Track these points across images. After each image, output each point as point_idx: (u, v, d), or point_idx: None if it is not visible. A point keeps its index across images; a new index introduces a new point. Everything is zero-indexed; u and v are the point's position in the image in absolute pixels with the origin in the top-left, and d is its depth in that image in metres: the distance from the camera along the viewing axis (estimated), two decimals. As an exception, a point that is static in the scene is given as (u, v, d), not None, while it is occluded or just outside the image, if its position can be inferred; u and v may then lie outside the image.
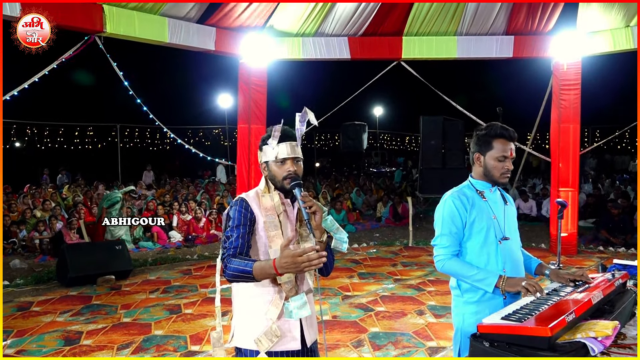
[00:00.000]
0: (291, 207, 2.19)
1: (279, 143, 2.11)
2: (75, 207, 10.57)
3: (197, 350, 4.51)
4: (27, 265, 8.04)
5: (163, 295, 6.33)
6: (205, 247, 9.56)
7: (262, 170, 2.21)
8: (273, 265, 1.88)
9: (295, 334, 2.08)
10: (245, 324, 2.08)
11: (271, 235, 2.06)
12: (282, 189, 2.14)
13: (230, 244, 2.02)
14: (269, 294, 2.06)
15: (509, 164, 2.44)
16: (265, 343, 2.02)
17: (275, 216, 2.10)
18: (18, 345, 4.68)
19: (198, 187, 15.60)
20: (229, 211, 2.12)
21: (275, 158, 2.11)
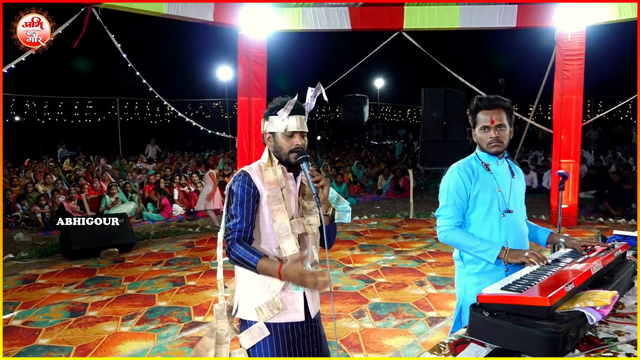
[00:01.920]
0: (294, 180, 2.18)
1: (289, 115, 2.09)
2: (77, 181, 10.59)
3: (201, 321, 4.59)
4: (30, 239, 8.11)
5: (166, 268, 6.40)
6: (207, 220, 9.61)
7: (265, 140, 2.18)
8: (278, 272, 1.94)
9: (298, 306, 2.10)
10: (249, 296, 2.09)
11: (275, 209, 2.06)
12: (286, 162, 2.13)
13: (234, 226, 2.03)
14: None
15: (493, 133, 2.41)
16: (265, 313, 2.04)
17: (278, 190, 2.09)
18: (25, 317, 4.76)
19: (198, 161, 15.58)
20: (232, 186, 2.09)
21: (284, 130, 2.09)
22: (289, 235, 2.06)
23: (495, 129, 2.41)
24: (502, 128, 2.42)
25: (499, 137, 2.41)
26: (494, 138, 2.41)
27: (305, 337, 2.14)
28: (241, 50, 8.42)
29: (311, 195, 2.19)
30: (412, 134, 23.60)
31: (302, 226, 2.13)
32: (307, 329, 2.14)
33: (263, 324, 2.05)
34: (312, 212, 2.18)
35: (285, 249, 2.05)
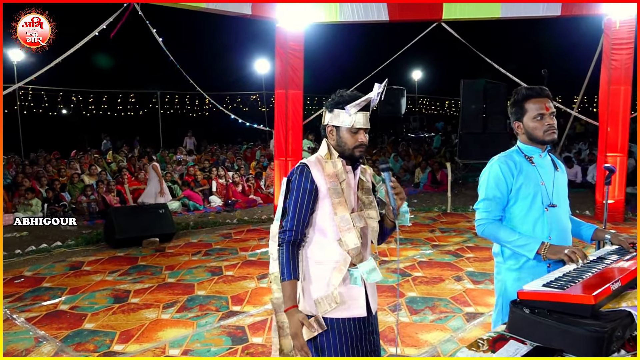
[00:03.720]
0: (352, 174, 2.16)
1: (357, 112, 2.07)
2: (119, 172, 10.93)
3: (238, 311, 4.67)
4: (76, 227, 8.43)
5: (205, 258, 6.54)
6: (245, 212, 9.75)
7: (326, 133, 2.16)
8: (287, 309, 2.02)
9: (360, 302, 2.09)
10: (308, 289, 2.09)
11: (335, 202, 2.05)
12: (349, 157, 2.13)
13: (286, 224, 2.04)
14: (335, 261, 2.07)
15: (549, 120, 2.34)
16: (323, 306, 2.03)
17: (337, 183, 2.07)
18: (72, 302, 4.96)
19: (236, 153, 15.80)
20: (291, 178, 2.09)
21: (351, 126, 2.08)
22: (350, 229, 2.05)
23: (550, 115, 2.35)
24: (554, 116, 2.36)
25: (555, 124, 2.36)
26: (551, 125, 2.34)
27: (367, 334, 2.13)
28: (278, 43, 8.47)
29: (369, 189, 2.19)
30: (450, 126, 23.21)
31: (363, 220, 2.12)
32: (368, 327, 2.14)
33: (321, 317, 2.04)
34: (371, 206, 2.17)
35: (347, 242, 2.05)
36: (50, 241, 7.32)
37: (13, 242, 7.55)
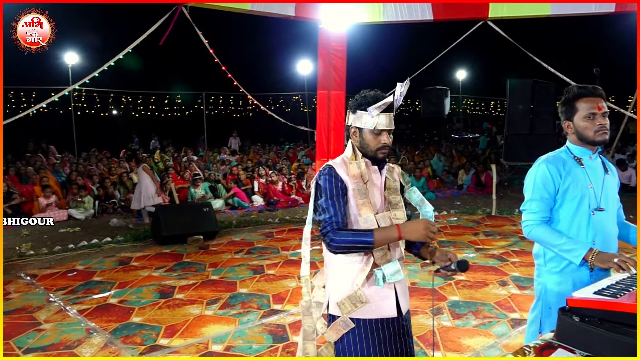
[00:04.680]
0: (378, 174, 2.15)
1: (380, 113, 2.06)
2: (166, 171, 11.26)
3: (279, 309, 4.72)
4: (124, 224, 8.74)
5: (247, 256, 6.64)
6: (286, 212, 9.84)
7: (350, 134, 2.15)
8: (398, 230, 1.95)
9: (390, 303, 2.07)
10: (335, 290, 2.09)
11: (360, 203, 2.04)
12: (372, 158, 2.12)
13: (330, 219, 1.99)
14: (360, 262, 2.05)
15: (601, 120, 2.26)
16: (348, 306, 2.02)
17: (362, 183, 2.07)
18: (120, 296, 5.15)
19: (279, 153, 15.96)
20: (319, 180, 2.08)
21: (373, 128, 2.06)
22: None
23: (602, 115, 2.27)
24: (606, 116, 2.28)
25: (607, 124, 2.27)
26: (603, 125, 2.26)
27: (397, 336, 2.10)
28: (321, 43, 8.50)
29: (396, 189, 2.18)
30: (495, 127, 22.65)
31: (389, 220, 2.09)
32: (398, 328, 2.11)
33: (347, 317, 2.03)
34: (398, 206, 2.15)
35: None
36: (101, 237, 7.63)
37: (67, 237, 7.91)
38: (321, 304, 2.13)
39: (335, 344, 2.07)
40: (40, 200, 9.33)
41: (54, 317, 4.62)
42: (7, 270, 6.05)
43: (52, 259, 6.65)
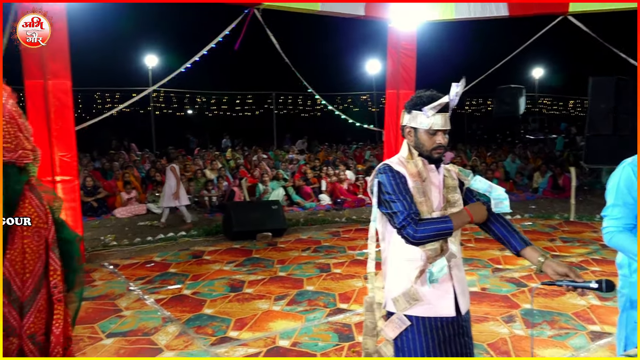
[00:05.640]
0: (435, 172, 2.13)
1: (435, 113, 2.04)
2: (237, 169, 11.62)
3: (345, 309, 4.74)
4: (198, 219, 9.12)
5: (314, 254, 6.72)
6: (353, 211, 9.85)
7: (405, 134, 2.15)
8: (469, 214, 2.05)
9: (448, 301, 2.06)
10: (391, 287, 2.10)
11: (419, 201, 2.03)
12: (427, 157, 2.10)
13: (405, 212, 1.98)
14: (415, 259, 2.05)
15: None
16: (402, 303, 2.03)
17: (420, 182, 2.06)
18: (194, 288, 5.38)
19: (346, 153, 16.00)
20: (378, 179, 2.08)
21: (428, 128, 2.05)
22: None
23: None
24: None
25: None
26: None
27: (456, 336, 2.08)
28: (390, 43, 8.43)
29: (455, 187, 2.16)
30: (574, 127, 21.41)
31: None
32: (458, 328, 2.08)
33: (402, 314, 2.03)
34: (457, 204, 2.12)
35: (423, 245, 2.03)
36: (177, 230, 8.01)
37: (145, 229, 8.37)
38: (381, 304, 2.14)
39: (394, 342, 2.07)
40: (122, 194, 9.94)
41: (133, 304, 4.91)
42: (93, 259, 6.49)
43: (132, 250, 7.07)
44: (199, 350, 3.93)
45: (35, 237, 1.21)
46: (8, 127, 1.20)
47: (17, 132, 1.21)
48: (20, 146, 1.22)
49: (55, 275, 1.23)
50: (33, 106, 5.89)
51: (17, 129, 1.21)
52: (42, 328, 1.20)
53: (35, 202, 1.23)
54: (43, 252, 1.22)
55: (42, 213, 1.23)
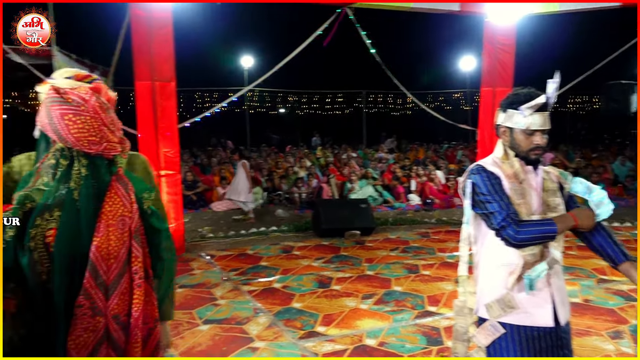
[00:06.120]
0: (533, 174, 2.01)
1: (533, 112, 1.94)
2: (326, 167, 11.78)
3: (434, 311, 4.64)
4: (288, 215, 9.37)
5: (402, 254, 6.64)
6: (443, 212, 9.60)
7: (500, 134, 2.05)
8: (574, 219, 1.92)
9: (546, 310, 1.95)
10: (485, 292, 2.03)
11: (516, 203, 1.94)
12: (523, 159, 2.00)
13: (504, 213, 1.90)
14: (511, 264, 1.96)
15: None
16: (496, 310, 1.95)
17: (517, 184, 1.96)
18: (284, 282, 5.54)
19: (437, 152, 15.63)
20: (471, 179, 2.01)
21: (525, 128, 1.94)
22: None
23: None
24: None
25: None
26: None
27: (554, 348, 1.96)
28: (487, 38, 8.09)
29: (555, 191, 2.02)
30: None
31: None
32: (556, 340, 1.97)
33: (496, 321, 1.96)
34: (557, 209, 1.99)
35: (524, 247, 1.93)
36: (268, 225, 8.29)
37: (239, 223, 8.76)
38: (472, 309, 2.07)
39: (487, 349, 1.99)
40: (219, 189, 10.47)
41: (227, 294, 5.17)
42: (191, 250, 6.91)
43: (227, 242, 7.43)
44: (287, 342, 4.05)
45: (119, 225, 1.30)
46: (92, 121, 1.30)
47: (101, 126, 1.31)
48: (105, 139, 1.32)
49: (136, 262, 1.32)
50: (142, 106, 6.38)
51: (100, 123, 1.31)
52: (125, 309, 1.30)
53: (121, 192, 1.33)
54: (127, 239, 1.31)
55: (127, 202, 1.33)
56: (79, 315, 1.23)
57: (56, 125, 1.28)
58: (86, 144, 1.29)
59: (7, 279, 1.21)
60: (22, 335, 1.23)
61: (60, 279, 1.23)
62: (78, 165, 1.29)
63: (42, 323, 1.24)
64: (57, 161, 1.30)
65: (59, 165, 1.29)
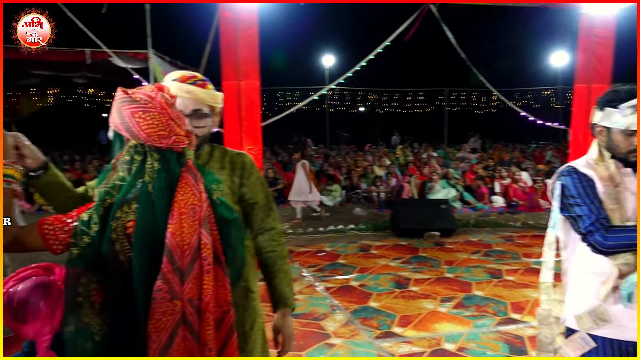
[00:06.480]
0: (632, 177, 1.86)
1: (635, 112, 1.79)
2: (406, 166, 11.62)
3: (518, 319, 4.43)
4: (366, 214, 9.36)
5: (484, 258, 6.41)
6: (529, 215, 9.13)
7: (596, 133, 1.92)
8: None
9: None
10: (574, 302, 1.91)
11: (610, 208, 1.80)
12: (621, 160, 1.86)
13: (593, 217, 1.78)
14: (604, 274, 1.83)
15: None
16: (587, 322, 1.83)
17: (612, 187, 1.82)
18: (361, 280, 5.55)
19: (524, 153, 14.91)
20: (561, 181, 1.91)
21: (625, 128, 1.80)
22: None
23: None
24: None
25: None
26: None
27: None
28: (582, 31, 7.55)
29: None
30: None
31: None
32: None
33: (586, 334, 1.84)
34: None
35: (617, 255, 1.78)
36: (346, 223, 8.34)
37: (317, 220, 8.88)
38: (558, 319, 1.95)
39: None
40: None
41: (305, 290, 5.26)
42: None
43: (305, 238, 7.57)
44: (364, 341, 4.05)
45: (190, 213, 1.36)
46: (160, 116, 1.37)
47: (168, 121, 1.38)
48: (173, 132, 1.38)
49: (205, 249, 1.37)
50: (228, 105, 6.63)
51: (168, 117, 1.38)
52: (198, 293, 1.36)
53: (191, 182, 1.39)
54: (198, 227, 1.37)
55: (196, 191, 1.39)
56: (158, 299, 1.30)
57: (128, 123, 1.35)
58: (157, 139, 1.36)
59: (95, 271, 1.32)
60: (108, 322, 1.33)
61: (140, 266, 1.32)
62: (151, 159, 1.37)
63: (125, 309, 1.34)
64: (132, 157, 1.38)
65: (134, 161, 1.38)
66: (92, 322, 1.31)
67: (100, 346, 1.31)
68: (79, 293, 1.31)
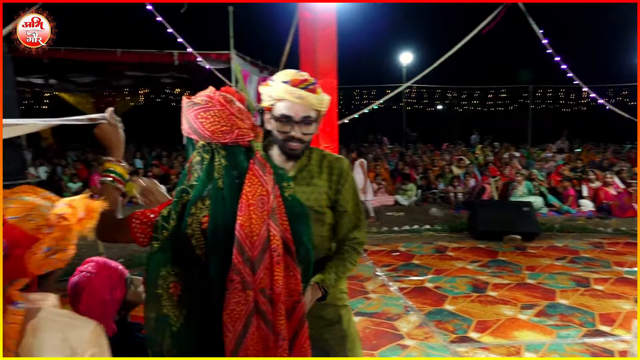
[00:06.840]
0: None
1: None
2: (485, 166, 11.21)
3: (607, 332, 4.14)
4: (442, 214, 9.13)
5: (570, 265, 6.04)
6: (622, 221, 8.48)
7: None
8: None
9: None
10: None
11: None
12: None
13: None
14: None
15: None
16: None
17: None
18: (436, 282, 5.43)
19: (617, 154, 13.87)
20: None
21: None
22: None
23: None
24: None
25: None
26: None
27: None
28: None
29: None
30: None
31: None
32: None
33: None
34: None
35: None
36: (422, 223, 8.19)
37: (392, 219, 8.79)
38: None
39: None
40: (373, 185, 10.63)
41: (378, 289, 5.23)
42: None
43: (379, 237, 7.52)
44: (438, 344, 3.96)
45: (259, 204, 1.40)
46: (220, 112, 1.42)
47: (229, 115, 1.42)
48: (235, 126, 1.43)
49: (274, 240, 1.40)
50: (306, 103, 6.75)
51: (228, 112, 1.43)
52: (269, 283, 1.40)
53: (258, 173, 1.42)
54: (267, 217, 1.40)
55: (264, 182, 1.42)
56: (231, 289, 1.36)
57: (194, 125, 1.43)
58: (220, 135, 1.42)
59: (173, 265, 1.40)
60: (184, 314, 1.41)
61: (215, 260, 1.38)
62: (218, 157, 1.44)
63: (201, 300, 1.41)
64: (202, 157, 1.46)
65: (204, 160, 1.45)
66: (170, 313, 1.40)
67: (176, 337, 1.39)
68: (158, 285, 1.39)
